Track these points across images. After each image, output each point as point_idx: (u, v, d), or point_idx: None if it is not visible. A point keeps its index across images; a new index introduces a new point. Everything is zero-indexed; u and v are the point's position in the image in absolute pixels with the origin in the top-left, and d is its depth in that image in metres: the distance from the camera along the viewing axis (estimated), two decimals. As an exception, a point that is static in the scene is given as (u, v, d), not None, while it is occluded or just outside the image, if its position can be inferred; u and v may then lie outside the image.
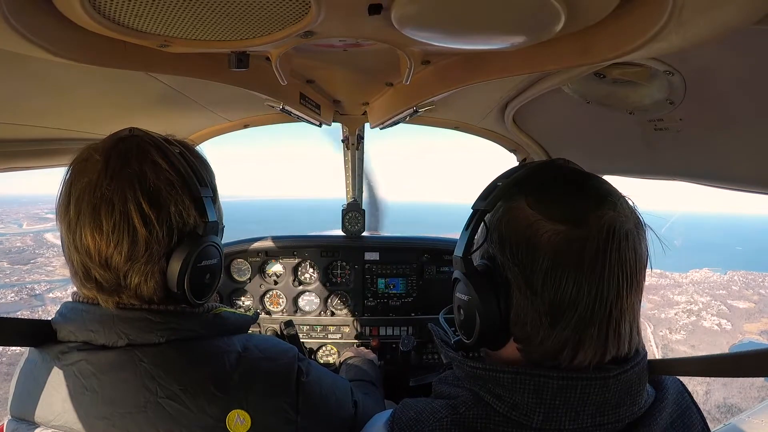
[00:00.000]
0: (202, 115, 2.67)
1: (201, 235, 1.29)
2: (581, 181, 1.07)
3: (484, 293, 1.04)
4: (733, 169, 1.55)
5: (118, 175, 1.20)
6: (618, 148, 2.12)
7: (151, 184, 1.22)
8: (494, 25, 1.09)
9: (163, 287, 1.26)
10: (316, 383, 1.38)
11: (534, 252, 0.98)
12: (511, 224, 1.03)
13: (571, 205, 1.00)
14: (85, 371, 1.18)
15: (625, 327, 1.01)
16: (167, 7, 0.98)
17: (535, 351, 1.02)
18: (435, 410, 1.08)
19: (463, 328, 1.14)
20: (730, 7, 0.82)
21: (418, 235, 3.66)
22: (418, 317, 3.39)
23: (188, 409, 1.17)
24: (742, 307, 50.75)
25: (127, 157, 1.23)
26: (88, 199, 1.19)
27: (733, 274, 58.24)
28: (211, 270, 1.33)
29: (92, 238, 1.18)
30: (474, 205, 1.13)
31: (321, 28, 1.16)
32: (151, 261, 1.22)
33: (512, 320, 1.03)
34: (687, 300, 51.25)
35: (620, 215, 0.99)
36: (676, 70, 1.36)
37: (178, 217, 1.25)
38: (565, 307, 0.97)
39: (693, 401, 1.18)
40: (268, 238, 3.42)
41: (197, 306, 1.31)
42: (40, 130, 1.86)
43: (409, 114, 2.27)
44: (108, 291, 1.22)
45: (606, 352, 1.00)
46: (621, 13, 0.98)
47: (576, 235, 0.96)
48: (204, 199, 1.30)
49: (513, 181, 1.09)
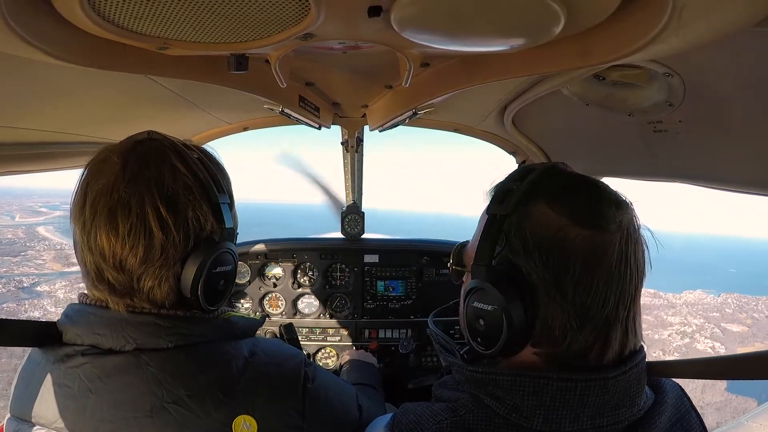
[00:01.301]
0: (202, 118, 2.66)
1: (217, 241, 1.28)
2: (596, 185, 1.08)
3: (513, 301, 1.00)
4: (731, 171, 1.55)
5: (136, 178, 1.19)
6: (617, 150, 2.13)
7: (169, 188, 1.21)
8: (494, 27, 1.09)
9: (176, 292, 1.25)
10: (323, 388, 1.37)
11: (565, 256, 0.98)
12: (537, 229, 1.01)
13: (594, 209, 1.01)
14: (91, 374, 1.17)
15: (639, 321, 1.05)
16: (166, 9, 0.98)
17: (562, 354, 1.02)
18: (435, 413, 1.07)
19: (485, 338, 1.08)
20: (730, 9, 0.83)
21: (418, 237, 3.66)
22: (418, 319, 3.39)
23: (195, 414, 1.16)
24: (735, 330, 50.78)
25: (146, 160, 1.22)
26: (104, 200, 1.18)
27: (726, 296, 58.39)
28: (225, 276, 1.32)
29: (107, 239, 1.17)
30: (490, 209, 1.10)
31: (320, 30, 1.15)
32: (166, 265, 1.21)
33: (539, 326, 1.01)
34: (680, 321, 51.30)
35: (633, 217, 1.03)
36: (675, 72, 1.36)
37: (196, 222, 1.24)
38: (594, 309, 0.98)
39: (692, 405, 1.18)
40: (267, 241, 3.42)
41: (209, 312, 1.30)
42: (39, 134, 1.86)
43: (409, 116, 2.26)
44: (120, 293, 1.21)
45: (626, 346, 1.03)
46: (620, 15, 0.98)
47: (603, 239, 0.98)
48: (221, 206, 1.29)
49: (529, 184, 1.07)
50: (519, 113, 2.33)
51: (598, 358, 1.01)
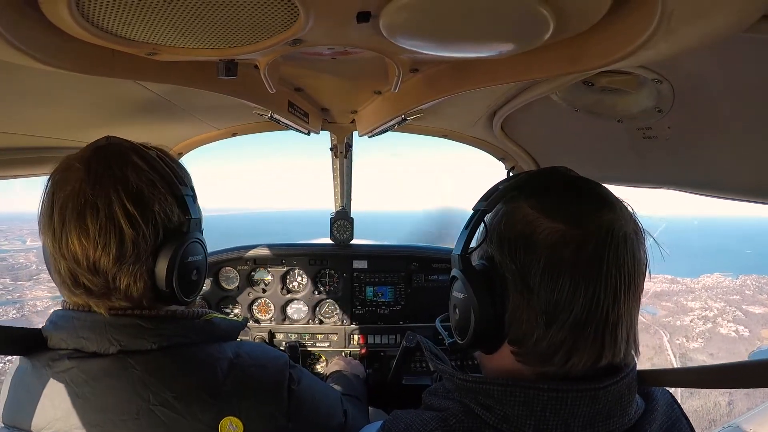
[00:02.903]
0: (191, 124, 2.66)
1: (186, 231, 1.31)
2: (582, 186, 1.08)
3: (481, 291, 1.04)
4: (722, 178, 1.56)
5: (100, 180, 1.21)
6: (607, 156, 2.13)
7: (134, 185, 1.23)
8: (483, 33, 1.09)
9: (152, 287, 1.27)
10: (308, 390, 1.39)
11: (531, 249, 0.99)
12: (510, 222, 1.04)
13: (570, 206, 1.01)
14: (77, 379, 1.19)
15: (622, 332, 1.01)
16: (155, 15, 0.97)
17: (530, 353, 1.02)
18: (425, 422, 1.06)
19: (458, 328, 1.14)
20: (719, 15, 0.83)
21: (407, 243, 3.65)
22: (407, 325, 3.38)
23: (181, 416, 1.18)
24: (758, 312, 50.12)
25: (108, 162, 1.24)
26: (72, 206, 1.19)
27: (745, 278, 57.69)
28: (197, 266, 1.36)
29: (79, 243, 1.19)
30: (475, 206, 1.14)
31: (309, 36, 1.15)
32: (138, 261, 1.23)
33: (508, 320, 1.02)
34: (701, 306, 50.58)
35: (619, 219, 1.00)
36: (664, 78, 1.37)
37: (163, 214, 1.27)
38: (561, 308, 0.97)
39: (683, 413, 1.18)
40: (256, 247, 3.41)
41: (185, 304, 1.32)
42: (29, 139, 1.86)
43: (398, 122, 2.26)
44: (98, 295, 1.22)
45: (601, 356, 1.00)
46: (609, 21, 0.98)
47: (574, 235, 0.97)
48: (185, 198, 1.32)
49: (515, 184, 1.10)
50: (508, 119, 2.33)
51: (562, 363, 0.99)
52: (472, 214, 1.13)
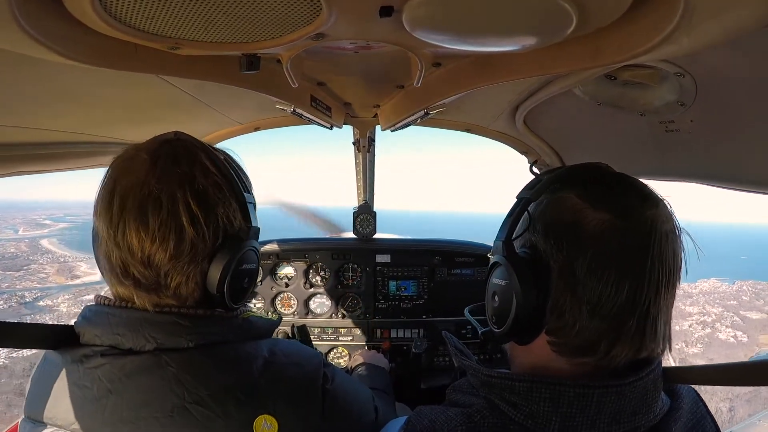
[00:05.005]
0: (213, 118, 2.68)
1: (244, 239, 1.30)
2: (625, 180, 1.08)
3: (524, 278, 1.02)
4: (744, 171, 1.54)
5: (167, 175, 1.19)
6: (629, 150, 2.12)
7: (200, 185, 1.21)
8: (505, 27, 1.10)
9: (202, 289, 1.25)
10: (341, 389, 1.37)
11: (579, 238, 0.99)
12: (556, 212, 1.04)
13: (617, 198, 1.01)
14: (111, 375, 1.17)
15: (661, 325, 1.01)
16: (178, 9, 0.99)
17: (571, 342, 1.01)
18: (450, 419, 1.06)
19: (496, 315, 1.12)
20: (742, 9, 0.82)
21: (430, 237, 3.64)
22: (430, 319, 3.39)
23: (216, 414, 1.16)
24: (755, 318, 49.87)
25: (177, 157, 1.22)
26: (134, 196, 1.17)
27: (741, 283, 57.64)
28: (249, 274, 1.34)
29: (137, 234, 1.17)
30: (519, 195, 1.13)
31: (332, 30, 1.16)
32: (194, 261, 1.21)
33: (549, 308, 1.02)
34: (699, 311, 50.48)
35: (661, 215, 1.00)
36: (687, 72, 1.36)
37: (226, 219, 1.25)
38: (605, 298, 0.96)
39: (708, 411, 1.17)
40: (279, 241, 3.44)
41: (232, 310, 1.31)
42: (51, 134, 1.87)
43: (420, 116, 2.27)
44: (146, 289, 1.20)
45: (642, 348, 1.00)
46: (632, 15, 0.98)
47: (620, 226, 0.97)
48: (248, 205, 1.30)
49: (558, 176, 1.10)
50: (531, 113, 2.32)
51: (605, 352, 0.99)
52: (515, 203, 1.11)
